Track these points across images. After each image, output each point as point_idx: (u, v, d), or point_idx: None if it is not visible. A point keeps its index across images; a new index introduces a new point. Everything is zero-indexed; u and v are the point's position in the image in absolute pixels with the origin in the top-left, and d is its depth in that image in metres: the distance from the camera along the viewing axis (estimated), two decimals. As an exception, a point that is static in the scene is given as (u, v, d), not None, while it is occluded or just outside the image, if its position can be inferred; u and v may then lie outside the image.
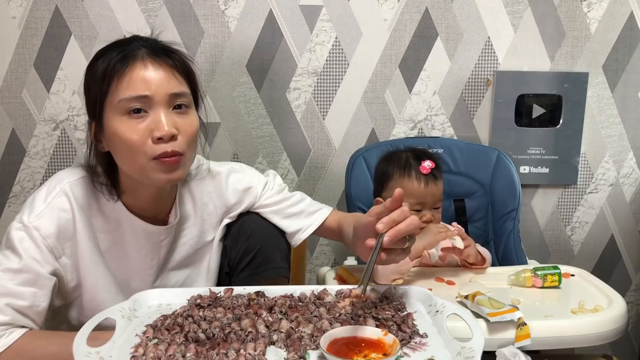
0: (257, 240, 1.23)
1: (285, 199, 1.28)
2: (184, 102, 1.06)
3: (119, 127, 1.02)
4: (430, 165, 1.44)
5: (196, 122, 1.09)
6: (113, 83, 1.02)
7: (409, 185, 1.43)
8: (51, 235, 1.06)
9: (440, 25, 1.81)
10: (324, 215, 1.29)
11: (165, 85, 1.03)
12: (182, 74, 1.07)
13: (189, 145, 1.07)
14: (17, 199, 1.84)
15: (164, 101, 1.03)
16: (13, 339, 1.00)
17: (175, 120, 1.04)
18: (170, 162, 1.03)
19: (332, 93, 1.83)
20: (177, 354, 0.84)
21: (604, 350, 1.57)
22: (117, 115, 1.02)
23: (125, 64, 1.02)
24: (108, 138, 1.05)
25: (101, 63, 1.03)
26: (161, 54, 1.05)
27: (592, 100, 1.87)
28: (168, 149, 1.02)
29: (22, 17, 1.74)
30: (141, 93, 1.01)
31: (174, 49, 1.09)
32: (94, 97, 1.04)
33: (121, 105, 1.01)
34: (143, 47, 1.05)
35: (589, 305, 1.15)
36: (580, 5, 1.81)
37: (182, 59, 1.09)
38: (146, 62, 1.03)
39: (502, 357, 1.00)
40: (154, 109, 1.02)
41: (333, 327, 0.91)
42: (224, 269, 1.27)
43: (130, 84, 1.01)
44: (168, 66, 1.05)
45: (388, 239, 0.93)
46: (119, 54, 1.03)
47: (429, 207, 1.45)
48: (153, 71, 1.03)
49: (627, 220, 1.96)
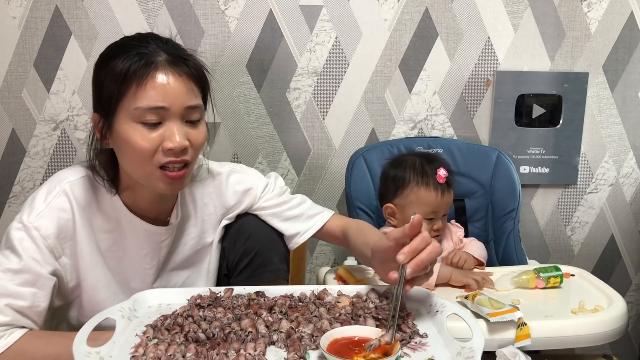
0: (255, 242, 1.23)
1: (285, 201, 1.27)
2: (197, 117, 1.07)
3: (130, 133, 1.02)
4: (445, 173, 1.44)
5: (205, 132, 1.09)
6: (132, 88, 1.01)
7: (426, 195, 1.43)
8: (51, 236, 1.05)
9: (440, 25, 1.81)
10: (324, 220, 1.28)
11: (183, 98, 1.03)
12: (198, 83, 1.07)
13: (197, 154, 1.08)
14: (17, 199, 1.84)
15: (179, 113, 1.03)
16: (13, 340, 1.00)
17: (187, 131, 1.04)
18: (177, 177, 1.05)
19: (332, 93, 1.83)
20: (177, 354, 0.84)
21: (604, 351, 1.57)
22: (130, 120, 1.02)
23: (146, 71, 1.01)
24: (116, 139, 1.05)
25: (121, 63, 1.02)
26: (180, 61, 1.04)
27: (592, 100, 1.87)
28: (177, 158, 1.03)
29: (22, 17, 1.74)
30: (159, 104, 1.01)
31: (191, 55, 1.08)
32: (108, 95, 1.03)
33: (137, 113, 1.01)
34: (163, 53, 1.04)
35: (589, 305, 1.15)
36: (580, 5, 1.81)
37: (198, 66, 1.08)
38: (167, 71, 1.02)
39: (502, 357, 1.00)
40: (168, 120, 1.02)
41: (333, 327, 0.91)
42: (223, 270, 1.27)
43: (150, 94, 1.00)
44: (186, 76, 1.04)
45: (410, 270, 0.92)
46: (139, 58, 1.02)
47: (441, 215, 1.45)
48: (173, 81, 1.02)
49: (627, 220, 1.96)
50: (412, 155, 1.52)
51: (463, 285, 1.26)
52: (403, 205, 1.46)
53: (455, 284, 1.27)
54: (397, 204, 1.47)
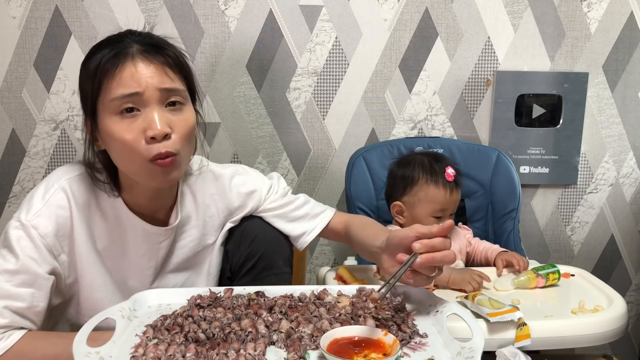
0: (260, 245, 1.22)
1: (289, 202, 1.27)
2: (178, 99, 1.04)
3: (112, 126, 1.01)
4: (453, 172, 1.45)
5: (192, 118, 1.06)
6: (104, 82, 1.00)
7: (435, 192, 1.44)
8: (49, 234, 1.05)
9: (440, 25, 1.81)
10: (328, 217, 1.28)
11: (156, 81, 1.01)
12: (175, 69, 1.05)
13: (184, 143, 1.04)
14: (17, 199, 1.84)
15: (156, 98, 1.01)
16: (12, 342, 0.99)
17: (169, 117, 1.02)
18: (165, 164, 1.01)
19: (332, 93, 1.83)
20: (177, 354, 0.84)
21: (604, 351, 1.57)
22: (110, 114, 1.01)
23: (115, 62, 1.00)
24: (103, 137, 1.04)
25: (94, 60, 1.02)
26: (153, 50, 1.03)
27: (592, 100, 1.87)
28: (162, 150, 1.00)
29: (22, 17, 1.74)
30: (131, 90, 0.99)
31: (166, 43, 1.07)
32: (86, 95, 1.04)
33: (113, 105, 1.00)
34: (135, 44, 1.03)
35: (589, 306, 1.15)
36: (580, 5, 1.81)
37: (176, 53, 1.06)
38: (136, 59, 1.01)
39: (502, 357, 1.00)
40: (146, 106, 1.01)
41: (333, 327, 0.91)
42: (226, 273, 1.26)
43: (121, 83, 1.00)
44: (159, 63, 1.03)
45: (420, 261, 0.93)
46: (110, 51, 1.02)
47: (449, 214, 1.46)
48: (143, 68, 1.01)
49: (627, 220, 1.96)
50: (419, 154, 1.53)
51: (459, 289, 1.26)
52: (412, 203, 1.47)
53: (453, 286, 1.26)
54: (405, 202, 1.48)
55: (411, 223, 1.45)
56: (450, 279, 1.27)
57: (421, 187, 1.45)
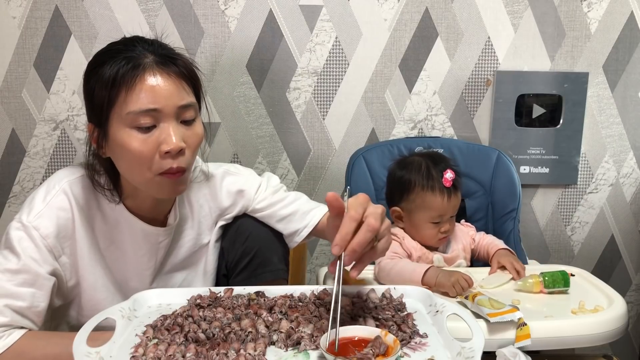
0: (254, 242, 1.22)
1: (279, 200, 1.25)
2: (192, 116, 1.05)
3: (126, 139, 1.01)
4: (452, 176, 1.41)
5: (201, 131, 1.08)
6: (122, 93, 0.99)
7: (432, 200, 1.40)
8: (50, 235, 1.05)
9: (440, 25, 1.81)
10: (320, 214, 1.24)
11: (174, 98, 1.02)
12: (189, 82, 1.06)
13: (194, 156, 1.07)
14: (17, 199, 1.84)
15: (173, 114, 1.02)
16: (12, 340, 1.00)
17: (183, 132, 1.03)
18: (174, 177, 1.04)
19: (332, 93, 1.83)
20: (177, 354, 0.84)
21: (604, 351, 1.57)
22: (124, 126, 1.01)
23: (134, 74, 0.99)
24: (112, 147, 1.04)
25: (108, 69, 1.00)
26: (168, 61, 1.03)
27: (592, 100, 1.87)
28: (174, 165, 1.02)
29: (22, 17, 1.74)
30: (150, 106, 1.00)
31: (178, 53, 1.07)
32: (99, 103, 1.02)
33: (129, 118, 1.00)
34: (150, 54, 1.02)
35: (589, 306, 1.15)
36: (580, 5, 1.81)
37: (188, 64, 1.07)
38: (155, 72, 1.01)
39: (502, 357, 1.00)
40: (163, 121, 1.01)
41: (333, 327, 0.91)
42: (222, 271, 1.26)
43: (140, 97, 0.99)
44: (176, 75, 1.03)
45: (348, 258, 0.87)
46: (127, 61, 1.00)
47: (447, 218, 1.43)
48: (162, 82, 1.01)
49: (627, 220, 1.96)
50: (418, 156, 1.49)
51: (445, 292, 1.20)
52: (409, 209, 1.44)
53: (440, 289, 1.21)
54: (403, 208, 1.45)
55: (410, 228, 1.46)
56: (437, 281, 1.22)
57: (417, 194, 1.42)
